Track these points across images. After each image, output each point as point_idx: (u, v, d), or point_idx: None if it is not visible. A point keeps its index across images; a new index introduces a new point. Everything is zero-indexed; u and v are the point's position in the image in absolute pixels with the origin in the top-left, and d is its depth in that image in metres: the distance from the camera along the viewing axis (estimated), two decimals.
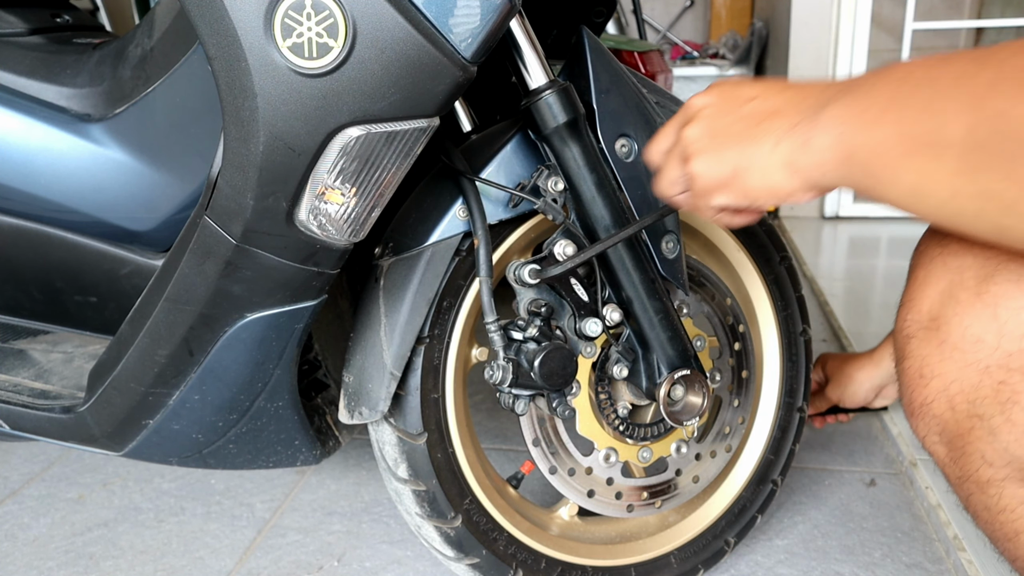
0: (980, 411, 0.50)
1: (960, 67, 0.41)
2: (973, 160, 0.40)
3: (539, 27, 0.74)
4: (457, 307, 0.79)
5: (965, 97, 0.40)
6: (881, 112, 0.44)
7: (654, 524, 0.96)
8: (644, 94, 0.80)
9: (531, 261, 0.77)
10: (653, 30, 3.82)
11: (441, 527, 0.83)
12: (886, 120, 0.44)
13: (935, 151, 0.42)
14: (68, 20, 1.01)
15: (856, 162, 0.46)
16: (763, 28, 3.28)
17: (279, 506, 1.20)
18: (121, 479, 1.29)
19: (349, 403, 0.80)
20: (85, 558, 1.09)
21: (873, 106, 0.45)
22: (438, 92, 0.59)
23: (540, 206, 0.74)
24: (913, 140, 0.43)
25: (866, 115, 0.45)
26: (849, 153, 0.46)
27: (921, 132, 0.42)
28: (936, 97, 0.42)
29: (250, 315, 0.72)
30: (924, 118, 0.42)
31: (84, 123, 0.85)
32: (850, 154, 0.46)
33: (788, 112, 0.51)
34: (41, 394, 0.89)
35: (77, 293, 0.92)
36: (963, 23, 2.99)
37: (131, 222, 0.87)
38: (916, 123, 0.43)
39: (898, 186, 0.45)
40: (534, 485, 1.18)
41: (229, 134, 0.61)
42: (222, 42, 0.57)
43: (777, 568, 1.02)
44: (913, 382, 0.54)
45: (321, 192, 0.63)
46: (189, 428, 0.81)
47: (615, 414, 0.86)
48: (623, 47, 1.89)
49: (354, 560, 1.07)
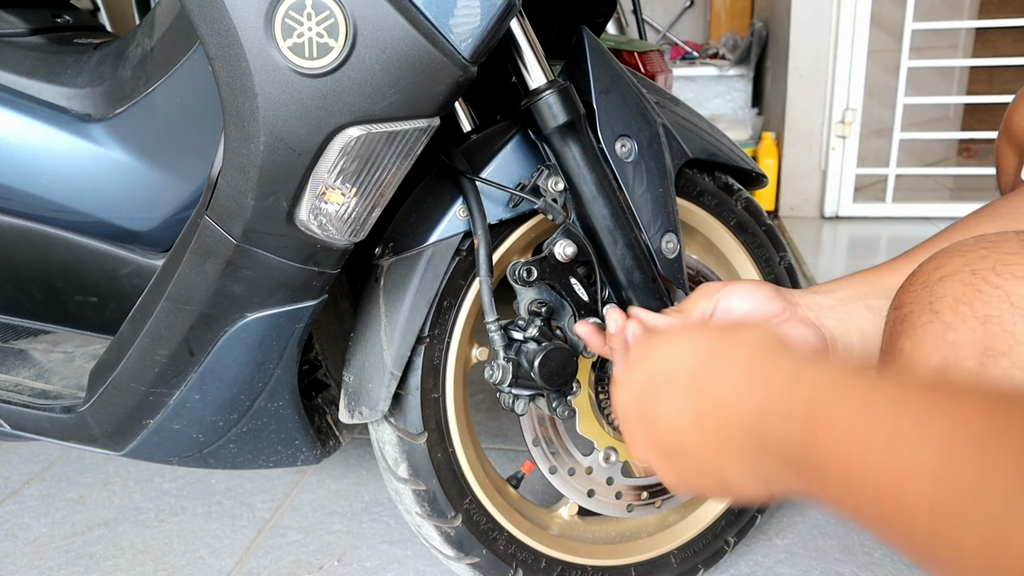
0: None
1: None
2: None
3: (539, 27, 0.74)
4: (457, 307, 0.79)
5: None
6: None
7: (654, 524, 0.96)
8: (644, 94, 0.80)
9: (531, 261, 0.77)
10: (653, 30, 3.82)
11: (441, 527, 0.83)
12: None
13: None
14: (68, 20, 1.01)
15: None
16: (763, 28, 3.28)
17: (279, 506, 1.20)
18: (121, 479, 1.29)
19: (349, 403, 0.80)
20: (85, 558, 1.09)
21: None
22: (438, 92, 0.59)
23: (540, 206, 0.75)
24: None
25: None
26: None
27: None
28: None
29: (250, 315, 0.72)
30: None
31: (84, 123, 0.85)
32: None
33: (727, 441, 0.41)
34: (41, 394, 0.89)
35: (78, 293, 0.93)
36: (963, 23, 2.99)
37: (131, 222, 0.87)
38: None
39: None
40: (534, 485, 1.18)
41: (229, 134, 0.61)
42: (222, 42, 0.57)
43: (777, 568, 1.02)
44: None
45: (321, 192, 0.63)
46: (189, 428, 0.81)
47: (615, 414, 0.86)
48: (623, 47, 1.89)
49: (354, 560, 1.07)
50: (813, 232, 2.70)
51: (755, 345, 0.42)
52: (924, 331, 0.44)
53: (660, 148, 0.78)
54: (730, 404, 0.40)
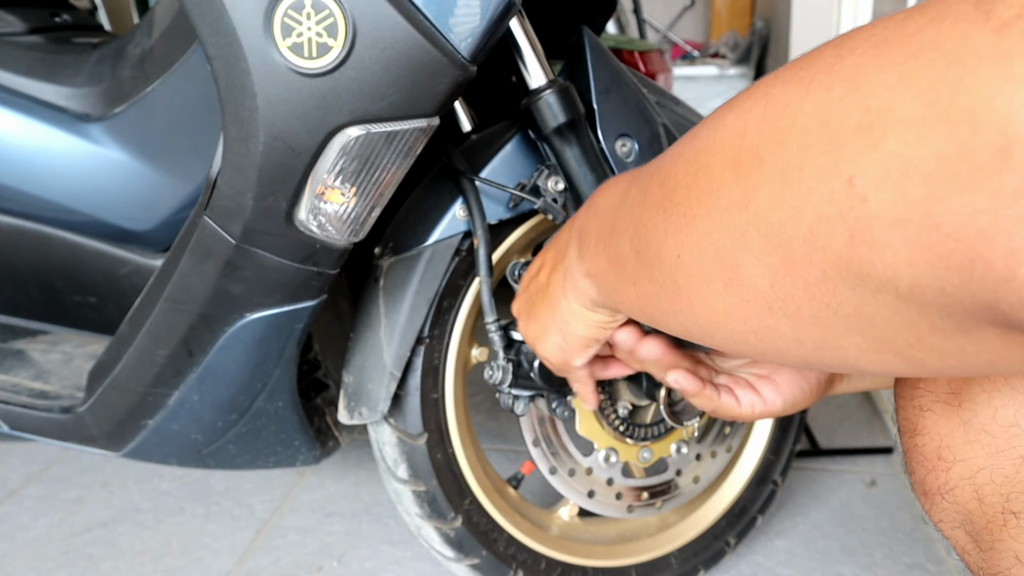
0: (1017, 508, 0.42)
1: (633, 187, 0.44)
2: (639, 274, 0.42)
3: (539, 27, 0.74)
4: (457, 307, 0.79)
5: (629, 214, 0.43)
6: (595, 242, 0.48)
7: (654, 525, 0.96)
8: (644, 94, 0.79)
9: (531, 261, 0.77)
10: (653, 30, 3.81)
11: (441, 528, 0.82)
12: (599, 252, 0.48)
13: (622, 267, 0.44)
14: (67, 20, 1.01)
15: (602, 286, 0.50)
16: (764, 28, 3.28)
17: (279, 506, 1.20)
18: (120, 479, 1.29)
19: (349, 403, 0.80)
20: (84, 559, 1.09)
21: (587, 238, 0.50)
22: (438, 92, 0.59)
23: (540, 206, 0.74)
24: (615, 262, 0.45)
25: (586, 251, 0.50)
26: (596, 279, 0.50)
27: (613, 254, 0.45)
28: (616, 217, 0.45)
29: (250, 315, 0.72)
30: (612, 240, 0.45)
31: (83, 123, 0.84)
32: (596, 280, 0.50)
33: (555, 268, 0.57)
34: (40, 394, 0.89)
35: (76, 293, 0.92)
36: None
37: (130, 222, 0.86)
38: (609, 246, 0.45)
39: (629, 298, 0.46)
40: (534, 485, 1.18)
41: (229, 134, 0.61)
42: (222, 42, 0.57)
43: (778, 569, 1.02)
44: (929, 463, 0.46)
45: (321, 192, 0.63)
46: (188, 428, 0.81)
47: (615, 414, 0.85)
48: (623, 47, 1.89)
49: (354, 560, 1.07)
50: None
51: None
52: None
53: (661, 148, 0.78)
54: (553, 254, 0.58)
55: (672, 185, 0.37)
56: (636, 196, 0.42)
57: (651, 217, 0.39)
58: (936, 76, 0.23)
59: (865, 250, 0.26)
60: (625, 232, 0.43)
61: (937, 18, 0.24)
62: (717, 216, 0.33)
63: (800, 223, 0.28)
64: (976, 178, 0.22)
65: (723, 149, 0.33)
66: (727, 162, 0.32)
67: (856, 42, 0.28)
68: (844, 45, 0.28)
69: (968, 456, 0.44)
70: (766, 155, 0.30)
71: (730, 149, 0.32)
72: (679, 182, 0.36)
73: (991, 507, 0.43)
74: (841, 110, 0.26)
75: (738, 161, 0.31)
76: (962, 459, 0.44)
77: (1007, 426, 0.41)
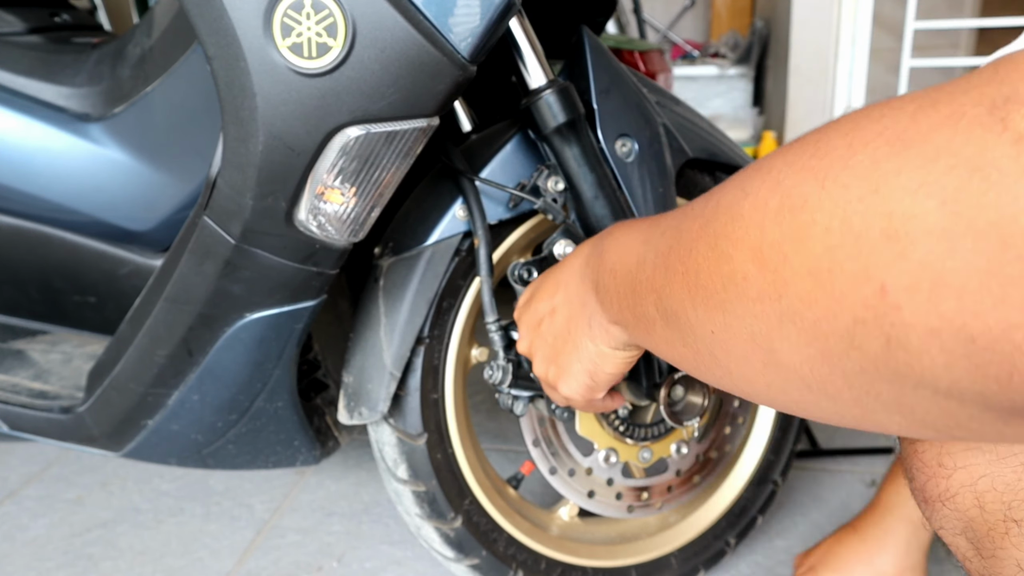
0: (1019, 515, 0.43)
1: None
2: (671, 336, 0.42)
3: (539, 27, 0.74)
4: (457, 307, 0.79)
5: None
6: (616, 301, 0.49)
7: (654, 525, 0.96)
8: (644, 94, 0.79)
9: (531, 261, 0.77)
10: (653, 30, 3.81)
11: (441, 528, 0.82)
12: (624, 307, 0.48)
13: (651, 327, 0.45)
14: (67, 19, 1.01)
15: (635, 335, 0.50)
16: (764, 27, 3.28)
17: (279, 507, 1.20)
18: (120, 480, 1.29)
19: (349, 403, 0.80)
20: (84, 559, 1.09)
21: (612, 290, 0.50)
22: (438, 92, 0.59)
23: (540, 206, 0.74)
24: (643, 321, 0.46)
25: (609, 307, 0.51)
26: (626, 327, 0.51)
27: (640, 314, 0.45)
28: (636, 281, 0.45)
29: (249, 315, 0.72)
30: (634, 302, 0.46)
31: (83, 123, 0.84)
32: (627, 328, 0.50)
33: (575, 315, 0.57)
34: (40, 394, 0.89)
35: (76, 293, 0.92)
36: (964, 22, 2.99)
37: (130, 222, 0.86)
38: (634, 307, 0.46)
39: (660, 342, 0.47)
40: (534, 486, 1.18)
41: (228, 134, 0.61)
42: (221, 42, 0.57)
43: (778, 568, 1.02)
44: (930, 470, 0.47)
45: (320, 192, 0.63)
46: (188, 428, 0.81)
47: (615, 414, 0.85)
48: (623, 47, 1.89)
49: (354, 561, 1.07)
50: None
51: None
52: None
53: (661, 148, 0.78)
54: (567, 274, 0.59)
55: (694, 267, 0.37)
56: (655, 265, 0.42)
57: (675, 292, 0.39)
58: (958, 186, 0.23)
59: (902, 354, 0.26)
60: (648, 297, 0.43)
61: (952, 119, 0.24)
62: (748, 304, 0.33)
63: (836, 323, 0.28)
64: (1008, 294, 0.22)
65: (744, 239, 0.33)
66: (749, 253, 0.32)
67: (867, 134, 0.27)
68: (854, 135, 0.28)
69: (969, 463, 0.44)
70: (790, 252, 0.30)
71: (751, 240, 0.32)
72: (701, 266, 0.36)
73: (992, 514, 0.43)
74: (863, 212, 0.26)
75: (761, 254, 0.31)
76: (963, 466, 0.44)
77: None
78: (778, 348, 0.32)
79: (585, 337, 0.56)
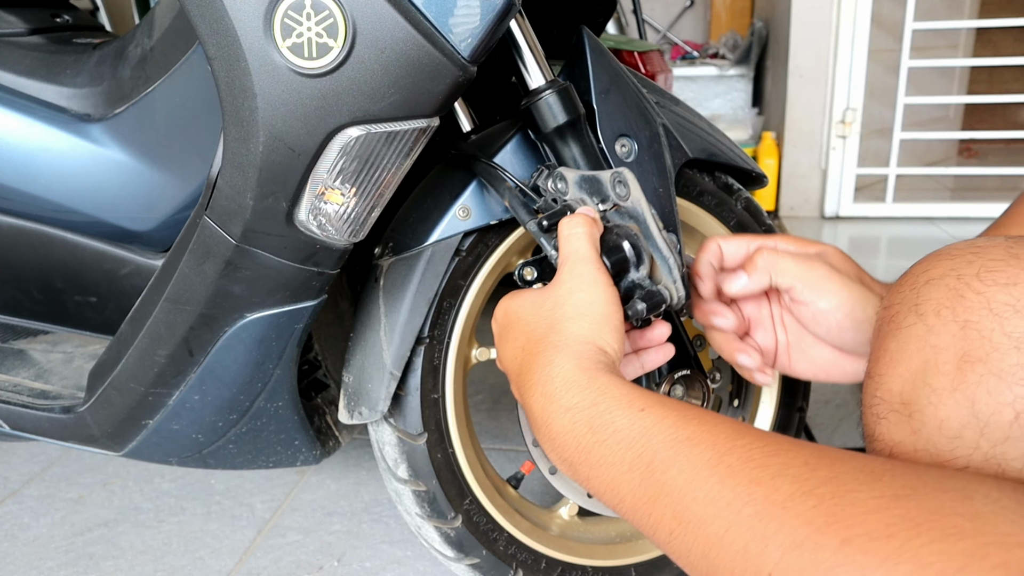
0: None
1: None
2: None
3: (539, 27, 0.74)
4: (457, 307, 0.79)
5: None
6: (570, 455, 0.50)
7: None
8: (644, 94, 0.80)
9: (531, 261, 0.77)
10: (653, 30, 3.82)
11: (441, 527, 0.83)
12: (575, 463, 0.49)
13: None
14: (68, 20, 1.01)
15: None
16: (763, 28, 3.28)
17: (279, 506, 1.20)
18: (121, 479, 1.29)
19: (349, 403, 0.80)
20: (85, 558, 1.09)
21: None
22: (438, 92, 0.59)
23: (540, 206, 0.74)
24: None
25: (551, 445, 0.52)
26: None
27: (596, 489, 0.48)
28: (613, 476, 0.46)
29: (250, 315, 0.72)
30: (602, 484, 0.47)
31: (84, 123, 0.85)
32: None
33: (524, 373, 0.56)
34: (41, 394, 0.89)
35: (77, 293, 0.92)
36: (963, 23, 2.99)
37: (131, 222, 0.86)
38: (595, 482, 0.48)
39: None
40: (534, 485, 1.18)
41: (229, 134, 0.61)
42: (222, 42, 0.57)
43: None
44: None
45: (321, 192, 0.63)
46: (189, 428, 0.81)
47: None
48: (623, 47, 1.89)
49: (354, 560, 1.07)
50: (813, 232, 2.70)
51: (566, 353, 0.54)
52: (908, 333, 0.46)
53: (660, 148, 0.78)
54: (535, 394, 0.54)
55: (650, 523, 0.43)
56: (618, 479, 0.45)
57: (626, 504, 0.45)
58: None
59: None
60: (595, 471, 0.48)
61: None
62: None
63: None
64: None
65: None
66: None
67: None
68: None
69: (916, 463, 0.45)
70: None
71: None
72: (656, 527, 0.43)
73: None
74: None
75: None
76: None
77: (951, 437, 0.42)
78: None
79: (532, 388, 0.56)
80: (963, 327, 0.42)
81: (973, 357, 0.41)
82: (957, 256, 0.45)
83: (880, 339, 0.49)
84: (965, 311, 0.42)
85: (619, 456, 0.45)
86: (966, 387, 0.41)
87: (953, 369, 0.42)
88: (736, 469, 0.39)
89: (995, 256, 0.44)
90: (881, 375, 0.47)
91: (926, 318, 0.45)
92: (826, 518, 0.34)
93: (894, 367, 0.46)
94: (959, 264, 0.45)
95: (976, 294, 0.42)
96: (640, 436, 0.45)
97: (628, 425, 0.46)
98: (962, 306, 0.43)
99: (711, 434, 0.42)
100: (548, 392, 0.52)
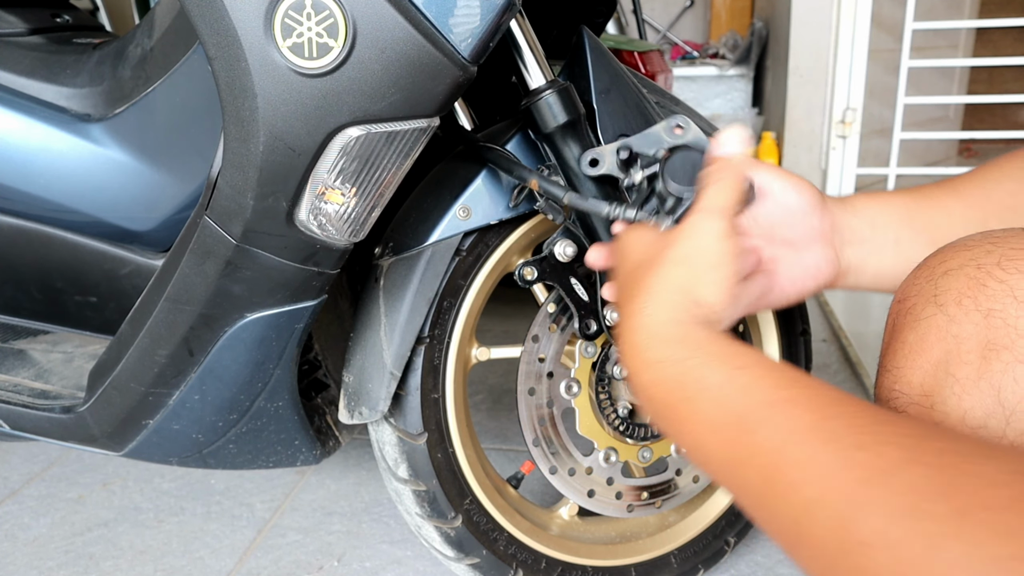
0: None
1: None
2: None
3: (539, 27, 0.74)
4: (457, 307, 0.79)
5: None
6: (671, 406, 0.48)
7: (654, 524, 0.96)
8: (644, 94, 0.80)
9: (531, 261, 0.77)
10: (653, 30, 3.82)
11: (441, 527, 0.83)
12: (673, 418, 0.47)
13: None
14: (68, 20, 1.01)
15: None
16: (763, 28, 3.28)
17: (279, 506, 1.20)
18: (121, 479, 1.29)
19: (349, 403, 0.80)
20: (85, 558, 1.09)
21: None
22: (438, 92, 0.59)
23: (540, 206, 0.74)
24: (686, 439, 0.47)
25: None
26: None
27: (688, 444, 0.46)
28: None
29: (250, 315, 0.72)
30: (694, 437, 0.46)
31: (84, 123, 0.85)
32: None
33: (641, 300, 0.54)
34: (41, 394, 0.89)
35: (77, 293, 0.92)
36: (963, 23, 2.99)
37: (131, 222, 0.86)
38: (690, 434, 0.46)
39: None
40: (534, 485, 1.18)
41: (229, 134, 0.61)
42: (222, 42, 0.57)
43: (777, 568, 1.02)
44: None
45: (321, 192, 0.63)
46: (189, 428, 0.81)
47: (615, 414, 0.86)
48: (623, 47, 1.89)
49: (354, 560, 1.07)
50: None
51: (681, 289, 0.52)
52: (927, 324, 0.45)
53: None
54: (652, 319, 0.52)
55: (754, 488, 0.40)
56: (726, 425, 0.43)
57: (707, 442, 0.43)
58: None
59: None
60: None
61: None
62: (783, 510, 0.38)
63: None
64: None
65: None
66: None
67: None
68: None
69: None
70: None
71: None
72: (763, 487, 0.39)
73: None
74: None
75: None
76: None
77: (976, 427, 0.41)
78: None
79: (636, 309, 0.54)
80: (986, 315, 0.42)
81: (998, 345, 0.41)
82: (975, 247, 0.45)
83: (896, 332, 0.48)
84: (988, 300, 0.42)
85: (708, 413, 0.43)
86: (991, 376, 0.41)
87: (977, 358, 0.42)
88: (840, 434, 0.36)
89: (1016, 245, 0.43)
90: (899, 368, 0.46)
91: (946, 308, 0.44)
92: (939, 487, 0.31)
93: (913, 359, 0.45)
94: (978, 254, 0.44)
95: (999, 282, 0.42)
96: (734, 394, 0.43)
97: (722, 382, 0.44)
98: (984, 295, 0.42)
99: (814, 398, 0.40)
100: (635, 343, 0.51)
